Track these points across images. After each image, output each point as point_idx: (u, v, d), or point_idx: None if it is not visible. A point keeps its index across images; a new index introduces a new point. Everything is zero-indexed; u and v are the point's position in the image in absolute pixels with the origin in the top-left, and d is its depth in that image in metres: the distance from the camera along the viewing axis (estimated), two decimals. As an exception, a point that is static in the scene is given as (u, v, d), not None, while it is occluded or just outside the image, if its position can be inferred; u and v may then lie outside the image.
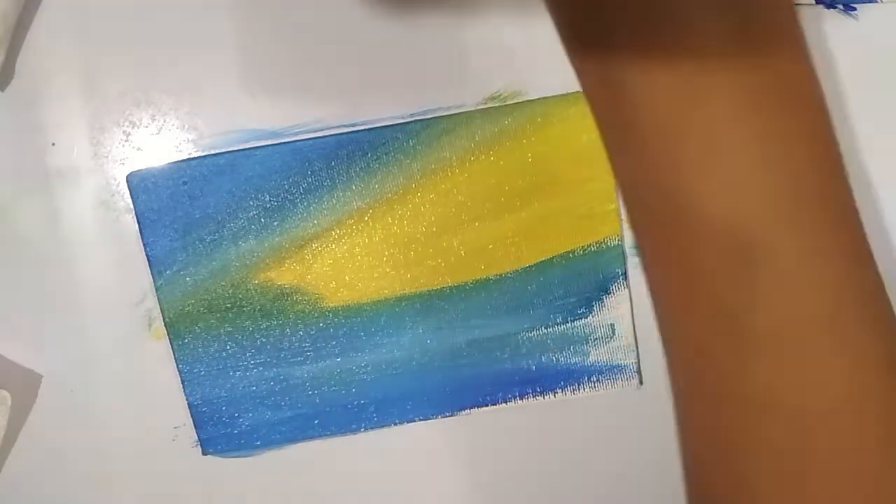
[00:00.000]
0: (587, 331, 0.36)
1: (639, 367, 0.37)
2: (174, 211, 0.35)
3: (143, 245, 0.35)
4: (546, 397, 0.37)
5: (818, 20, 0.34)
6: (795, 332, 0.19)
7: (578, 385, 0.37)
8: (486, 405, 0.37)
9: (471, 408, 0.37)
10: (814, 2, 0.34)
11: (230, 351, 0.36)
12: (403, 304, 0.36)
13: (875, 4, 0.34)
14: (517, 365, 0.36)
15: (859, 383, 0.19)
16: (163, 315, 0.35)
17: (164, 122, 0.34)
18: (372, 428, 0.37)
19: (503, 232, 0.35)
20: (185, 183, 0.35)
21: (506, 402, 0.37)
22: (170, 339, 0.35)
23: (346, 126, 0.34)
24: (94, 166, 0.35)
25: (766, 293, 0.19)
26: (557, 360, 0.36)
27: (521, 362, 0.36)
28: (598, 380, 0.37)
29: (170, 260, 0.35)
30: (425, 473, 0.37)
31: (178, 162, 0.35)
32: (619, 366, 0.36)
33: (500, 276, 0.36)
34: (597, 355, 0.36)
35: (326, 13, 0.34)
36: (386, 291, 0.36)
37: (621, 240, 0.35)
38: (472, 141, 0.35)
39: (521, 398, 0.37)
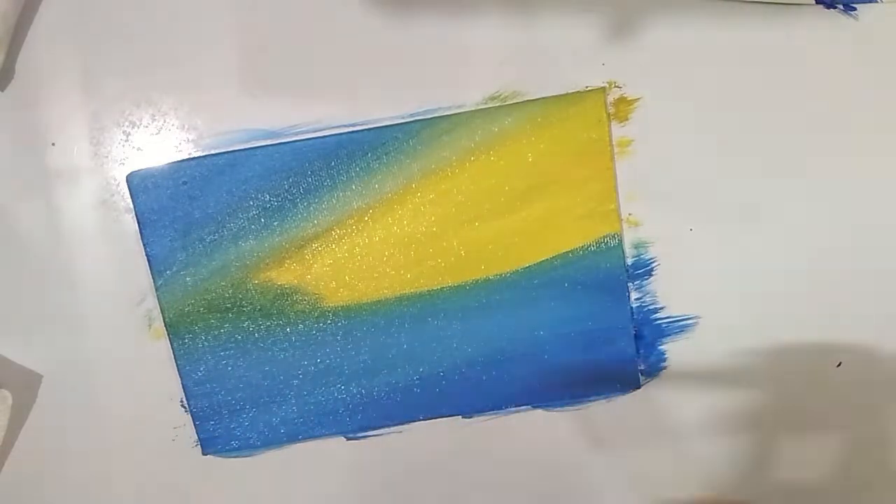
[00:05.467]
0: (587, 331, 0.36)
1: (638, 369, 0.37)
2: (174, 211, 0.35)
3: (143, 245, 0.35)
4: (546, 403, 0.37)
5: (818, 20, 0.34)
6: None
7: (579, 389, 0.37)
8: (486, 410, 0.37)
9: (470, 409, 0.37)
10: (814, 2, 0.34)
11: (230, 351, 0.36)
12: (403, 304, 0.36)
13: (875, 4, 0.34)
14: (517, 366, 0.36)
15: None
16: (163, 315, 0.35)
17: (164, 122, 0.34)
18: (372, 428, 0.37)
19: (503, 232, 0.35)
20: (185, 183, 0.35)
21: (506, 407, 0.37)
22: (170, 339, 0.35)
23: (346, 126, 0.34)
24: (94, 166, 0.35)
25: None
26: (557, 361, 0.36)
27: (522, 363, 0.36)
28: (598, 381, 0.37)
29: (170, 260, 0.35)
30: (425, 474, 0.38)
31: (178, 162, 0.35)
32: (619, 368, 0.36)
33: (500, 276, 0.36)
34: (597, 356, 0.36)
35: (326, 13, 0.34)
36: (386, 291, 0.36)
37: (621, 240, 0.35)
38: (472, 141, 0.35)
39: (521, 404, 0.37)
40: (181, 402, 0.36)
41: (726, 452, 0.38)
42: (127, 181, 0.34)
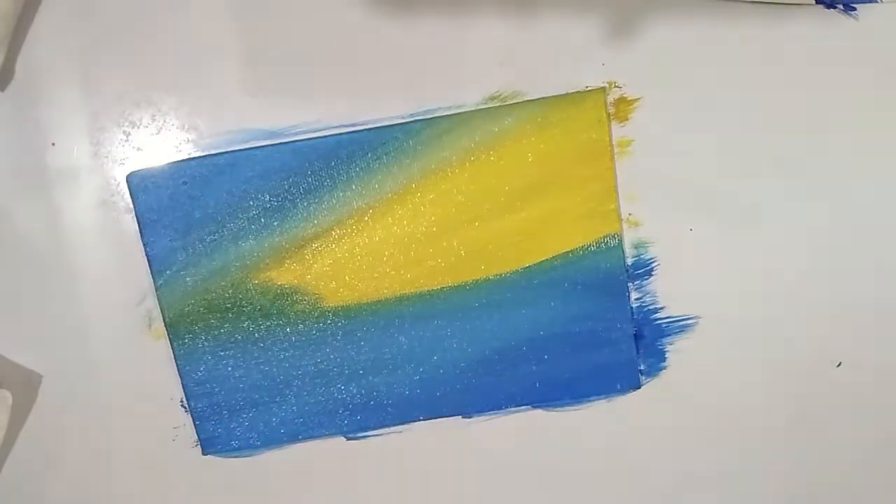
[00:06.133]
0: (587, 331, 0.36)
1: (638, 369, 0.37)
2: (174, 211, 0.35)
3: (143, 245, 0.35)
4: (546, 403, 0.37)
5: (818, 20, 0.34)
6: None
7: (579, 389, 0.37)
8: (486, 410, 0.37)
9: (470, 409, 0.37)
10: (814, 2, 0.34)
11: (230, 351, 0.36)
12: (403, 304, 0.36)
13: (875, 4, 0.34)
14: (517, 366, 0.36)
15: None
16: (163, 315, 0.35)
17: (164, 122, 0.34)
18: (372, 428, 0.37)
19: (503, 232, 0.35)
20: (185, 183, 0.35)
21: (506, 407, 0.37)
22: (170, 339, 0.35)
23: (346, 126, 0.34)
24: (94, 166, 0.35)
25: None
26: (557, 361, 0.36)
27: (522, 363, 0.36)
28: (598, 381, 0.37)
29: (170, 260, 0.35)
30: (425, 474, 0.38)
31: (178, 162, 0.34)
32: (619, 368, 0.36)
33: (500, 276, 0.36)
34: (597, 356, 0.36)
35: (326, 13, 0.34)
36: (386, 291, 0.36)
37: (621, 240, 0.35)
38: (472, 141, 0.35)
39: (521, 404, 0.37)
40: (181, 402, 0.36)
41: (726, 453, 0.38)
42: (127, 181, 0.34)
